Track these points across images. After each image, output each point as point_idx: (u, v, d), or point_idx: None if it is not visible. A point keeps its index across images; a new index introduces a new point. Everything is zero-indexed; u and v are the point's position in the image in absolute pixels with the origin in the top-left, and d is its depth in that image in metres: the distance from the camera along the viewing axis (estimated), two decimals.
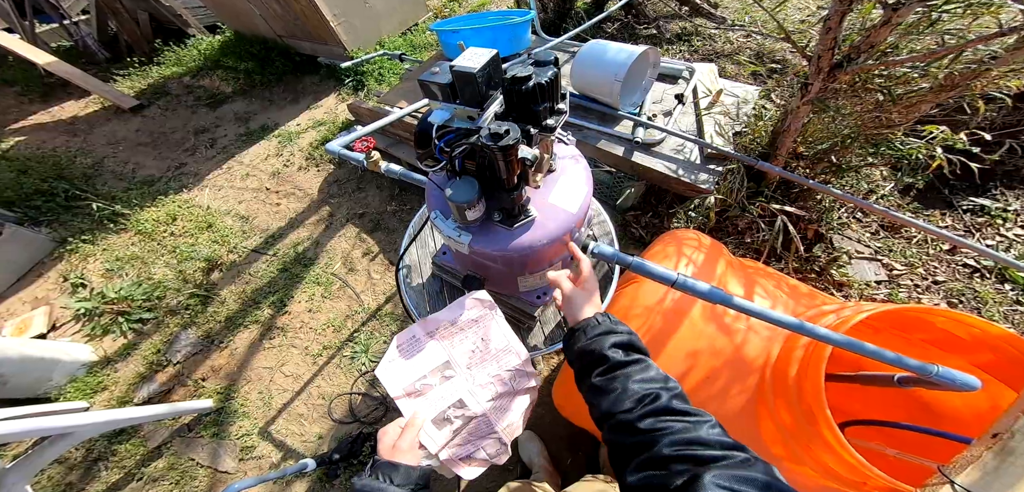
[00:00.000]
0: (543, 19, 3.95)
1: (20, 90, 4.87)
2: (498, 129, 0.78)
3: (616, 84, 2.33)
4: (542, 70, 0.86)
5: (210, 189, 3.40)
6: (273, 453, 2.06)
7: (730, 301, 0.85)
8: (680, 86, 2.72)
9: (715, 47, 3.62)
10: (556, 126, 0.91)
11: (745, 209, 1.96)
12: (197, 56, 4.81)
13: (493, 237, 0.97)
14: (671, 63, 2.84)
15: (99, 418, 1.71)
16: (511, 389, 0.87)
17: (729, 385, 1.09)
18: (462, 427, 0.81)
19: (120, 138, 4.00)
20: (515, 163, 0.84)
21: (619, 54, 2.34)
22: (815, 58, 1.57)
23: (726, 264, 1.35)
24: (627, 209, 2.59)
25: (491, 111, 0.89)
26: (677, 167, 2.25)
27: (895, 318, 1.09)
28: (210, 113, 4.18)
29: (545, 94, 0.85)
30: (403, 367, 0.84)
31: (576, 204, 1.02)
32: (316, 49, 4.44)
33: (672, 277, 0.88)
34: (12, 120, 4.39)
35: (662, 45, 3.75)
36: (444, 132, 0.89)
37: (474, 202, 0.91)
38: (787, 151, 1.87)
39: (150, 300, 2.62)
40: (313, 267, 2.79)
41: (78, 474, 2.05)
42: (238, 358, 2.38)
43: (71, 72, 4.53)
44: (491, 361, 0.88)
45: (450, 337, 0.89)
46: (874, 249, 2.16)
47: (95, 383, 2.28)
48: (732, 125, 2.32)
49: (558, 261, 1.16)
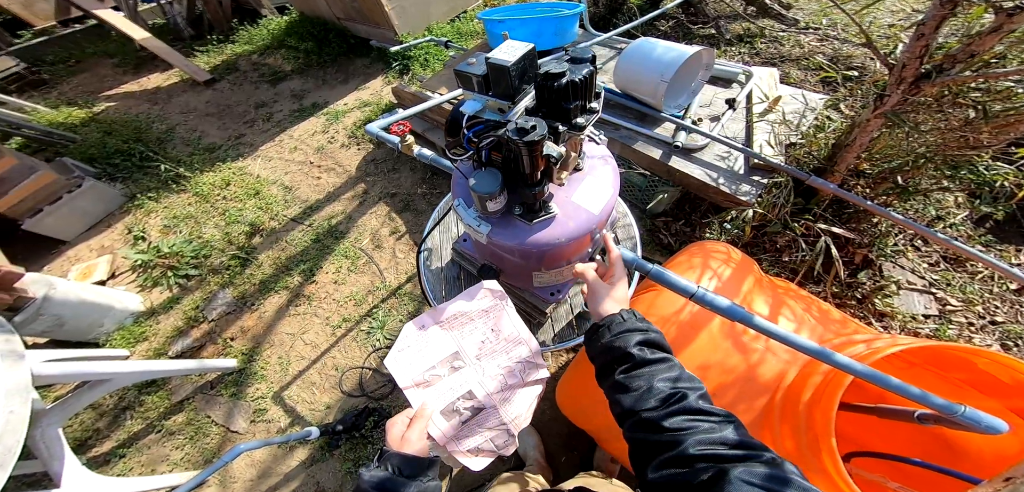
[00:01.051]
0: (593, 13, 3.81)
1: (117, 62, 5.46)
2: (525, 124, 0.77)
3: (661, 85, 2.20)
4: (577, 67, 0.84)
5: (261, 159, 3.61)
6: (283, 418, 2.14)
7: (750, 320, 0.82)
8: (733, 90, 2.53)
9: (781, 50, 3.33)
10: (586, 125, 0.89)
11: (787, 226, 1.78)
12: (265, 35, 5.14)
13: (512, 230, 0.98)
14: (726, 65, 2.65)
15: (136, 367, 1.86)
16: (520, 381, 0.86)
17: (735, 402, 1.06)
18: (470, 418, 0.81)
19: (192, 108, 4.36)
20: (539, 159, 0.83)
21: (668, 53, 2.22)
22: (899, 67, 1.39)
23: (754, 281, 1.29)
24: (657, 214, 2.43)
25: (522, 105, 0.89)
26: (718, 175, 2.09)
27: (933, 355, 1.04)
28: (270, 89, 4.44)
29: (578, 92, 0.84)
30: (412, 357, 0.83)
31: (599, 205, 1.00)
32: (369, 32, 4.58)
33: (692, 289, 0.86)
34: (107, 88, 4.93)
35: (720, 46, 3.49)
36: (474, 122, 0.90)
37: (496, 194, 0.92)
38: (846, 168, 1.69)
39: (197, 258, 2.82)
40: (343, 240, 2.87)
41: (106, 421, 2.22)
42: (265, 321, 2.49)
43: (159, 47, 5.01)
44: (501, 352, 0.87)
45: (460, 327, 0.88)
46: (929, 281, 1.95)
47: (139, 333, 2.49)
48: (788, 135, 2.10)
49: (580, 256, 1.13)
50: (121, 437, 2.16)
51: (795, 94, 2.37)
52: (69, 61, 5.75)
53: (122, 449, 2.13)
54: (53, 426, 1.58)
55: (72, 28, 6.72)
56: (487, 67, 0.87)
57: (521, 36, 3.14)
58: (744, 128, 2.28)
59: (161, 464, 2.07)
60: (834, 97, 2.27)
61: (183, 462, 2.06)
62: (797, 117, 2.17)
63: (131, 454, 2.12)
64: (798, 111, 2.25)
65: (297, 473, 1.95)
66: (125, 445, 2.14)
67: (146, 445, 2.14)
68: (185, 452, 2.09)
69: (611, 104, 2.63)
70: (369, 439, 2.03)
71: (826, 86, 2.76)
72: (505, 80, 0.85)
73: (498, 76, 0.86)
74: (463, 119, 0.91)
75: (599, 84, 2.26)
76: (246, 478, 1.97)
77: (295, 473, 1.95)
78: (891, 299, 1.87)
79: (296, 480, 1.94)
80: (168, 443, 2.13)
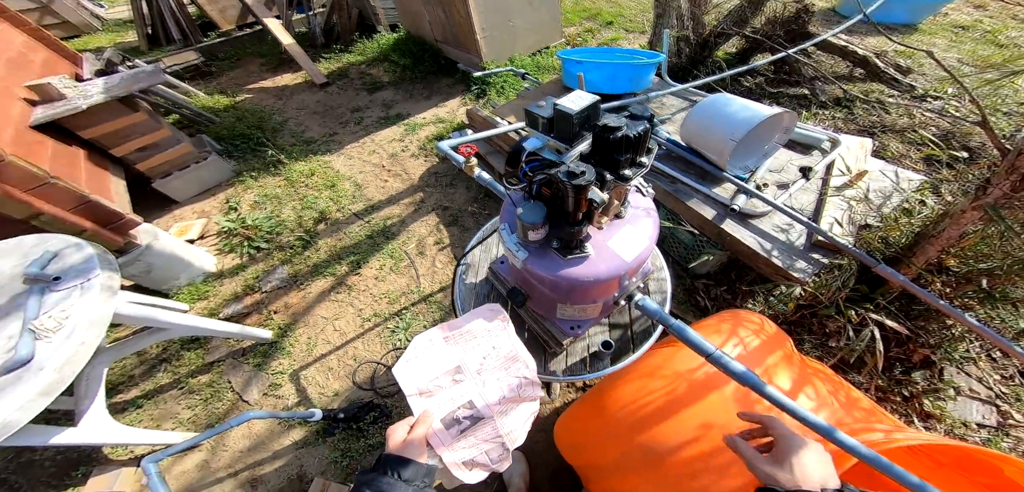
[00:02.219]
0: (675, 64, 3.67)
1: (264, 62, 6.53)
2: (576, 168, 0.87)
3: (730, 143, 2.07)
4: (634, 124, 0.92)
5: (344, 157, 4.02)
6: (293, 396, 2.30)
7: (762, 388, 0.84)
8: (813, 158, 2.24)
9: (885, 119, 2.91)
10: (632, 177, 0.95)
11: (839, 311, 1.48)
12: (375, 49, 5.78)
13: (546, 261, 1.04)
14: (810, 130, 2.37)
15: (191, 322, 2.04)
16: (517, 396, 0.90)
17: (731, 464, 1.05)
18: (469, 428, 0.84)
19: (305, 105, 5.04)
20: (583, 201, 0.91)
21: (743, 112, 2.08)
22: (1013, 154, 1.17)
23: (783, 356, 1.28)
24: (699, 275, 2.19)
25: (578, 150, 0.97)
26: (772, 247, 1.87)
27: (961, 457, 1.06)
28: (367, 96, 4.96)
29: (630, 146, 0.92)
30: (419, 367, 0.90)
31: (632, 254, 1.04)
32: (459, 56, 4.90)
33: (709, 350, 0.91)
34: (251, 82, 5.92)
35: (811, 108, 3.12)
36: (532, 158, 0.99)
37: (539, 225, 1.00)
38: (926, 261, 1.44)
39: (271, 234, 3.20)
40: (392, 241, 3.06)
41: (142, 370, 2.45)
42: (307, 302, 2.73)
43: (297, 52, 5.91)
44: (500, 368, 0.93)
45: (464, 343, 0.96)
46: (996, 393, 1.74)
47: (203, 291, 2.85)
48: (865, 215, 1.78)
49: (601, 302, 1.18)
50: (147, 388, 2.37)
51: (887, 170, 2.03)
52: (232, 58, 7.04)
53: (142, 399, 2.31)
54: (101, 365, 1.74)
55: (243, 31, 8.29)
56: (554, 111, 0.97)
57: (596, 79, 3.16)
58: (815, 201, 2.00)
59: (168, 421, 2.25)
60: (933, 179, 1.89)
61: (188, 422, 2.24)
62: (882, 197, 1.83)
63: (148, 406, 2.29)
64: (885, 190, 1.92)
65: (286, 452, 2.07)
66: (147, 396, 2.33)
67: (164, 400, 2.32)
68: (194, 413, 2.26)
69: (673, 157, 2.51)
70: (365, 433, 2.09)
71: (929, 166, 2.31)
72: (568, 125, 0.94)
73: (562, 121, 0.96)
74: (524, 153, 1.00)
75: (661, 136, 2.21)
76: (238, 447, 2.11)
77: (285, 452, 2.07)
78: (944, 403, 1.69)
79: (283, 458, 2.06)
80: (183, 401, 2.31)
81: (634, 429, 1.23)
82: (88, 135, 2.96)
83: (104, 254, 1.71)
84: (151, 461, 1.41)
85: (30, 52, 3.42)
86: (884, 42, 3.75)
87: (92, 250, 1.67)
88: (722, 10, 3.71)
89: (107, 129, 3.02)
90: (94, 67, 3.62)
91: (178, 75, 5.78)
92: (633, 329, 1.37)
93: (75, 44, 7.82)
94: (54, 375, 1.36)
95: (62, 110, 2.77)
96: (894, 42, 1.68)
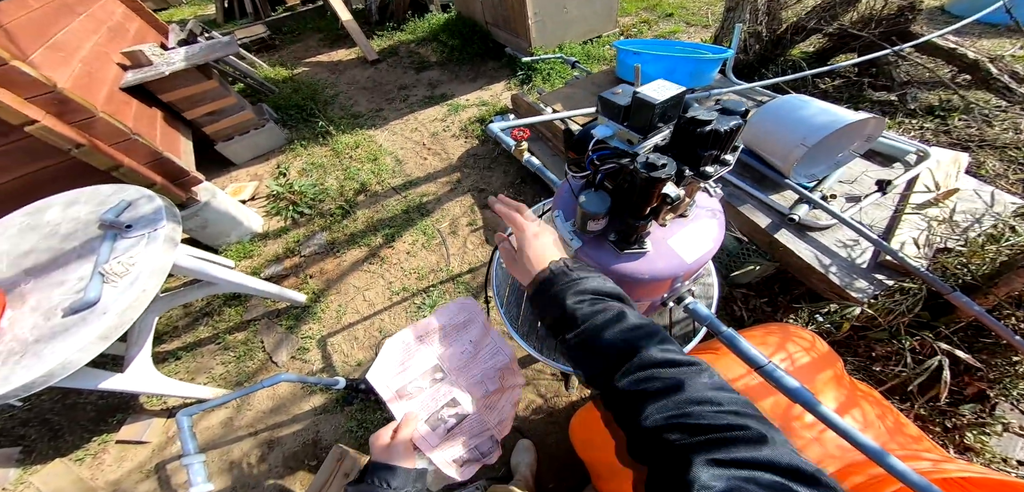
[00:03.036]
0: (743, 60, 3.42)
1: (323, 37, 6.79)
2: (656, 160, 0.80)
3: (800, 148, 1.88)
4: (725, 119, 0.85)
5: (388, 132, 4.10)
6: (318, 362, 2.37)
7: (815, 407, 0.82)
8: (894, 171, 2.01)
9: (986, 133, 2.55)
10: (713, 175, 0.88)
11: (896, 336, 1.33)
12: (426, 28, 5.84)
13: (600, 252, 0.99)
14: (895, 140, 2.13)
15: (236, 278, 2.13)
16: (499, 387, 0.88)
17: None
18: (455, 426, 0.83)
19: (356, 81, 5.19)
20: (656, 196, 0.85)
21: (821, 115, 1.89)
22: None
23: (833, 376, 1.21)
24: (740, 285, 2.04)
25: (652, 141, 0.92)
26: (831, 263, 1.70)
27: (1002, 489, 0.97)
28: (415, 75, 5.02)
29: (717, 142, 0.85)
30: (394, 371, 0.87)
31: (693, 255, 0.98)
32: (507, 39, 4.83)
33: (762, 361, 0.88)
34: (310, 55, 6.17)
35: (897, 116, 2.79)
36: (600, 146, 0.95)
37: (601, 216, 0.95)
38: (1008, 292, 1.25)
39: (315, 200, 3.33)
40: (426, 218, 3.09)
41: (186, 322, 2.59)
42: (341, 269, 2.82)
43: (353, 28, 6.09)
44: (479, 363, 0.91)
45: (438, 341, 0.93)
46: None
47: (249, 250, 2.99)
48: (945, 237, 1.57)
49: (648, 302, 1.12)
50: (188, 340, 2.50)
51: (981, 190, 1.77)
52: (295, 32, 7.37)
53: (182, 351, 2.43)
54: (153, 314, 1.83)
55: (307, 7, 8.67)
56: (632, 99, 0.90)
57: (654, 71, 3.01)
58: (889, 218, 1.79)
59: (201, 375, 2.35)
60: None
61: (221, 378, 2.34)
62: (970, 218, 1.60)
63: (186, 358, 2.40)
64: (975, 211, 1.66)
65: (305, 416, 2.14)
66: (187, 349, 2.45)
67: (201, 353, 2.43)
68: (227, 368, 2.37)
69: None
70: (382, 406, 2.13)
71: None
72: (647, 115, 0.88)
73: (641, 109, 0.89)
74: (592, 141, 0.95)
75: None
76: (261, 407, 2.20)
77: (304, 416, 2.14)
78: (987, 437, 1.57)
79: (301, 422, 2.12)
80: (218, 357, 2.42)
81: None
82: (167, 98, 3.21)
83: (171, 207, 1.79)
84: (185, 414, 1.46)
85: (127, 22, 3.75)
86: (1000, 46, 3.29)
87: (161, 202, 1.75)
88: (805, 5, 3.40)
89: (184, 94, 3.26)
90: (178, 37, 3.91)
91: (246, 47, 6.14)
92: (672, 331, 1.29)
93: (162, 16, 8.50)
94: (115, 319, 1.40)
95: (149, 75, 3.03)
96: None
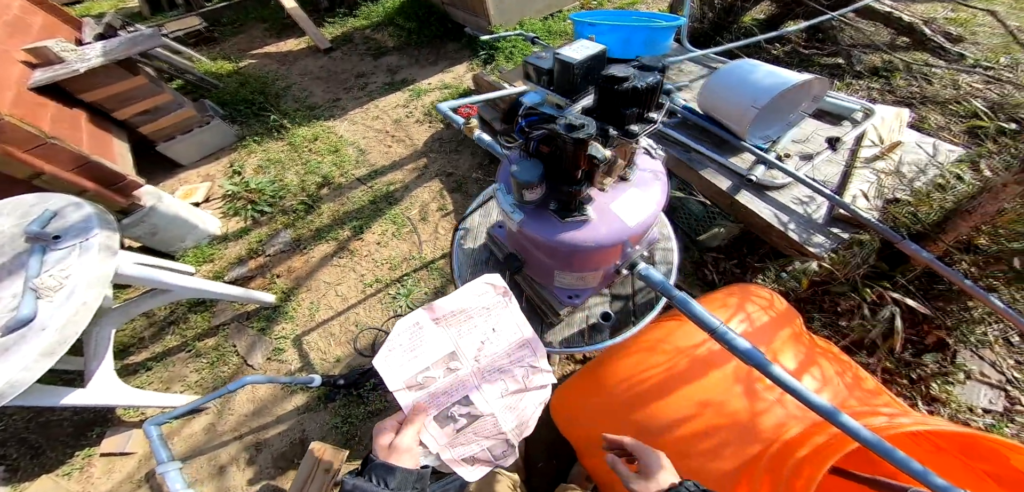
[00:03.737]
0: (697, 28, 3.49)
1: (268, 27, 6.39)
2: (575, 121, 0.80)
3: (751, 110, 1.94)
4: (643, 75, 0.85)
5: (348, 122, 3.95)
6: (296, 361, 2.30)
7: (767, 367, 0.81)
8: (842, 128, 2.13)
9: (927, 90, 2.74)
10: (639, 133, 0.88)
11: (856, 289, 1.42)
12: (380, 13, 5.62)
13: (543, 224, 0.98)
14: (841, 99, 2.26)
15: (195, 284, 2.05)
16: (523, 386, 0.79)
17: (724, 446, 1.05)
18: (466, 426, 0.74)
19: (308, 71, 4.94)
20: (583, 158, 0.84)
21: (768, 78, 1.96)
22: None
23: (792, 334, 1.24)
24: (709, 248, 2.12)
25: (580, 104, 0.91)
26: (789, 220, 1.78)
27: (964, 441, 1.04)
28: (372, 61, 4.84)
29: (638, 99, 0.84)
30: (404, 358, 0.75)
31: (636, 219, 0.98)
32: (466, 19, 4.73)
33: (713, 324, 0.87)
34: (255, 47, 5.81)
35: (845, 78, 2.95)
36: (530, 113, 0.93)
37: (535, 184, 0.94)
38: (956, 238, 1.37)
39: (275, 197, 3.17)
40: (395, 207, 3.01)
41: (152, 332, 2.48)
42: (310, 266, 2.71)
43: (300, 16, 5.76)
44: (502, 355, 0.80)
45: (458, 325, 0.80)
46: (1008, 378, 1.70)
47: (209, 254, 2.84)
48: (894, 188, 1.68)
49: (601, 271, 1.13)
50: (156, 350, 2.41)
51: (924, 142, 1.91)
52: (236, 23, 6.90)
53: (152, 362, 2.35)
54: (109, 326, 1.75)
55: None
56: (554, 61, 0.89)
57: (610, 42, 2.96)
58: (841, 173, 1.90)
59: (176, 383, 2.27)
60: (974, 152, 1.78)
61: (196, 385, 2.26)
62: (915, 170, 1.72)
63: (157, 369, 2.33)
64: (919, 163, 1.79)
65: (289, 417, 2.08)
66: (156, 359, 2.37)
67: (172, 362, 2.36)
68: (201, 375, 2.29)
69: (688, 125, 2.40)
70: (364, 400, 2.08)
71: (971, 139, 2.18)
72: (568, 76, 0.87)
73: (563, 72, 0.88)
74: (521, 108, 0.94)
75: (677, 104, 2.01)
76: (242, 411, 2.13)
77: (288, 416, 2.08)
78: (952, 387, 1.64)
79: (286, 423, 2.06)
80: (190, 364, 2.34)
81: (630, 405, 1.19)
82: (89, 98, 2.96)
83: (103, 213, 1.69)
84: (152, 424, 1.41)
85: (28, 15, 3.37)
86: (933, 9, 3.52)
87: (91, 209, 1.65)
88: None
89: (108, 93, 3.01)
90: (94, 32, 3.58)
91: (181, 41, 5.68)
92: (635, 301, 1.30)
93: (78, 9, 7.74)
94: (56, 335, 1.35)
95: (61, 73, 2.77)
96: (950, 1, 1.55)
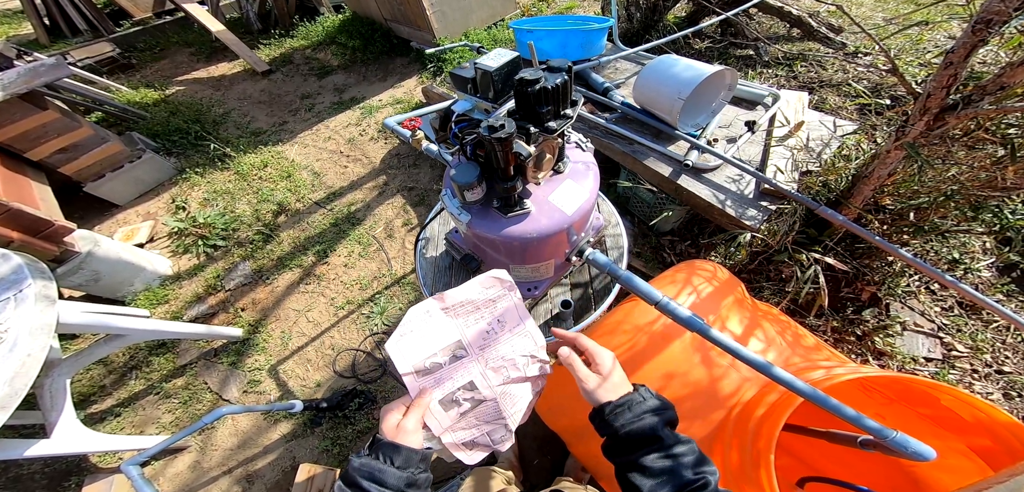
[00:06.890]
0: (627, 29, 3.77)
1: (194, 51, 6.02)
2: (495, 122, 0.87)
3: (678, 102, 2.17)
4: (551, 76, 0.93)
5: (298, 145, 3.85)
6: (274, 391, 2.25)
7: (707, 332, 0.86)
8: (757, 113, 2.43)
9: (822, 75, 3.15)
10: (557, 128, 0.97)
11: (791, 256, 1.64)
12: (320, 32, 5.49)
13: (489, 221, 1.05)
14: (751, 87, 2.56)
15: (150, 326, 1.96)
16: (523, 375, 0.83)
17: (692, 415, 1.09)
18: (469, 410, 0.78)
19: (248, 95, 4.73)
20: (510, 156, 0.92)
21: (687, 71, 2.19)
22: (923, 96, 1.31)
23: (735, 301, 1.32)
24: (664, 233, 2.34)
25: (505, 108, 0.98)
26: (725, 198, 2.01)
27: (899, 387, 1.09)
28: (317, 81, 4.73)
29: (549, 98, 0.93)
30: (414, 343, 0.80)
31: (573, 207, 1.06)
32: (411, 34, 4.76)
33: (656, 297, 0.92)
34: (181, 73, 5.46)
35: (757, 67, 3.34)
36: (462, 120, 1.01)
37: (473, 185, 1.00)
38: (864, 201, 1.59)
39: (227, 230, 3.04)
40: (359, 226, 3.00)
41: (113, 379, 2.37)
42: (276, 296, 2.64)
43: (230, 39, 5.49)
44: (505, 344, 0.84)
45: (465, 315, 0.85)
46: (938, 325, 1.88)
47: (162, 295, 2.69)
48: (806, 162, 1.96)
49: (553, 261, 1.21)
50: (122, 396, 2.31)
51: (825, 120, 2.23)
52: (155, 48, 6.42)
53: (120, 408, 2.25)
54: (63, 376, 1.67)
55: (164, 19, 7.55)
56: (475, 71, 0.98)
57: (548, 47, 3.17)
58: (761, 152, 2.17)
59: (150, 426, 2.19)
60: (865, 124, 2.11)
61: (172, 426, 2.18)
62: (821, 144, 2.02)
63: (126, 414, 2.24)
64: (823, 138, 2.10)
65: (276, 446, 2.04)
66: (124, 404, 2.27)
67: (142, 406, 2.27)
68: (176, 416, 2.20)
69: (628, 119, 2.61)
70: (351, 420, 2.08)
71: (862, 115, 2.57)
72: (488, 83, 0.95)
73: (484, 80, 0.97)
74: (453, 116, 1.01)
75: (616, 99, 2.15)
76: (226, 446, 2.07)
77: (274, 446, 2.04)
78: (893, 339, 1.80)
79: (274, 452, 2.03)
80: (162, 405, 2.26)
81: None
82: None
83: (34, 263, 1.64)
84: (131, 464, 1.38)
85: None
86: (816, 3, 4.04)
87: (20, 259, 1.60)
88: None
89: (14, 131, 2.75)
90: None
91: (93, 69, 5.22)
92: (593, 287, 1.39)
93: None
94: (5, 388, 1.32)
95: None
96: None
